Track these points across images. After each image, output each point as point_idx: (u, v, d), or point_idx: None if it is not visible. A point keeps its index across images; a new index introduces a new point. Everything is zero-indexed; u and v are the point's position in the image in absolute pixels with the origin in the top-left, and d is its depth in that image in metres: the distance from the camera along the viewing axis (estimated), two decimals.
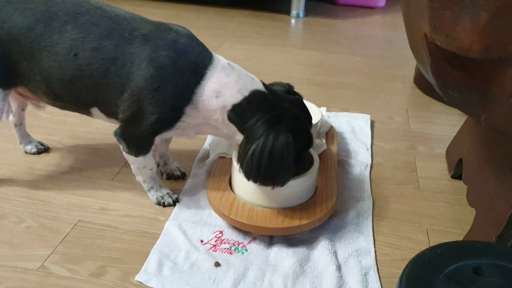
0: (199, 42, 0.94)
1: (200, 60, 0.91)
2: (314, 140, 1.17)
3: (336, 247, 0.95)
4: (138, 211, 1.04)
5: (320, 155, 1.13)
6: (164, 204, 1.05)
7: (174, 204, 1.05)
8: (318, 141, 1.17)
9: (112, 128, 0.99)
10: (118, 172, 1.17)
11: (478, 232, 0.94)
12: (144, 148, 0.98)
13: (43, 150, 1.23)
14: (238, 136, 0.93)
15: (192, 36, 0.94)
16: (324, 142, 1.19)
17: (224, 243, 0.95)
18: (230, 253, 0.92)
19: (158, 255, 0.90)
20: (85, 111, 0.99)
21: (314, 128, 1.19)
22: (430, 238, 1.01)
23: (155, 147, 1.12)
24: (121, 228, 0.99)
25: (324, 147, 1.17)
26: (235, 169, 0.99)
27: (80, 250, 0.92)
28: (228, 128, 0.93)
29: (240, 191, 0.99)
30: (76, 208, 1.04)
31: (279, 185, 0.91)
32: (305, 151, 0.97)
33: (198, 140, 1.31)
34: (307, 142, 0.95)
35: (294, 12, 2.60)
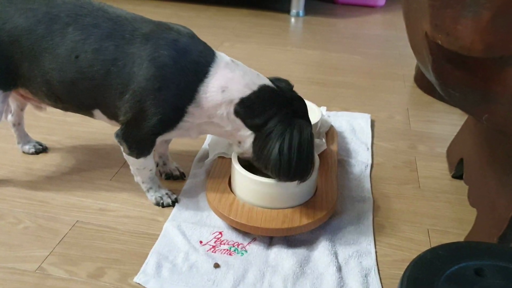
0: (201, 41, 0.94)
1: (203, 58, 0.90)
2: (314, 140, 1.17)
3: (336, 248, 0.94)
4: (137, 212, 1.03)
5: (320, 155, 1.13)
6: (163, 205, 1.04)
7: (173, 205, 1.04)
8: (318, 141, 1.16)
9: (112, 128, 0.99)
10: (117, 172, 1.16)
11: (479, 233, 0.94)
12: (145, 149, 0.97)
13: (41, 150, 1.23)
14: (242, 131, 0.92)
15: (193, 35, 0.93)
16: (324, 142, 1.18)
17: (224, 244, 0.94)
18: (230, 254, 0.92)
19: (157, 256, 0.90)
20: (87, 112, 0.99)
21: (314, 127, 1.19)
22: (431, 238, 1.00)
23: (155, 147, 1.11)
24: (119, 229, 0.98)
25: (324, 147, 1.17)
26: (234, 169, 0.98)
27: (78, 251, 0.92)
28: (233, 123, 0.92)
29: (240, 191, 0.98)
30: (74, 209, 1.03)
31: (307, 179, 0.92)
32: None
33: (197, 140, 1.30)
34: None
35: (294, 11, 2.59)
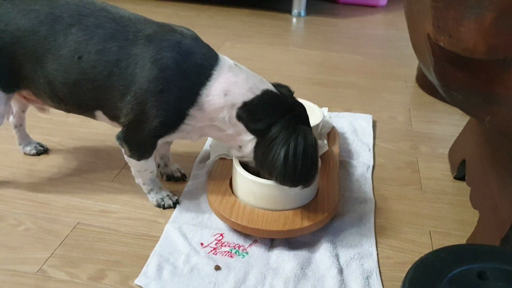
0: (204, 44, 0.93)
1: (206, 61, 0.90)
2: None
3: (337, 250, 0.93)
4: (138, 213, 1.03)
5: (321, 156, 1.12)
6: (164, 206, 1.04)
7: (174, 206, 1.04)
8: (319, 142, 1.15)
9: (113, 128, 0.98)
10: (118, 174, 1.16)
11: (481, 235, 0.93)
12: (146, 152, 0.96)
13: (42, 151, 1.22)
14: (244, 136, 0.92)
15: (196, 37, 0.93)
16: (326, 143, 1.18)
17: (225, 246, 0.94)
18: (231, 256, 0.91)
19: (157, 259, 0.89)
20: (89, 113, 0.98)
21: (315, 129, 1.18)
22: (433, 240, 0.99)
23: (156, 148, 1.11)
24: (120, 230, 0.98)
25: (326, 148, 1.16)
26: (236, 170, 0.98)
27: (79, 253, 0.92)
28: (235, 127, 0.92)
29: (241, 193, 0.98)
30: (75, 210, 1.03)
31: (310, 184, 0.92)
32: None
33: (198, 141, 1.29)
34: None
35: (295, 11, 2.58)
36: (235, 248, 0.93)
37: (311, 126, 0.95)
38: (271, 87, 0.93)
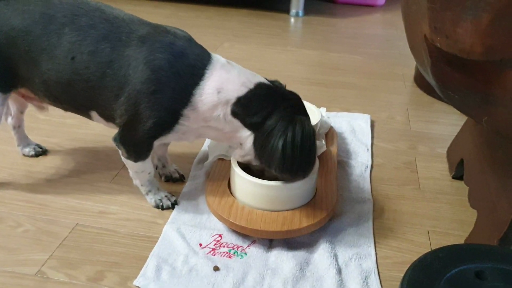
0: (197, 44, 0.93)
1: (199, 61, 0.90)
2: None
3: (336, 250, 0.94)
4: (137, 214, 1.03)
5: (320, 156, 1.12)
6: (162, 207, 1.04)
7: (172, 207, 1.04)
8: (318, 142, 1.16)
9: (111, 130, 0.98)
10: (117, 175, 1.16)
11: (480, 235, 0.93)
12: (143, 153, 0.97)
13: (41, 152, 1.22)
14: (241, 132, 0.91)
15: (190, 38, 0.93)
16: (324, 143, 1.18)
17: (223, 246, 0.94)
18: (229, 257, 0.91)
19: (156, 260, 0.89)
20: (85, 113, 0.98)
21: None
22: (431, 240, 1.00)
23: (154, 150, 1.11)
24: (119, 231, 0.98)
25: (324, 148, 1.16)
26: (234, 171, 0.98)
27: (78, 254, 0.92)
28: (231, 124, 0.91)
29: (239, 194, 0.98)
30: (74, 212, 1.03)
31: (309, 174, 0.92)
32: None
33: (196, 142, 1.30)
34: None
35: (293, 11, 2.59)
36: (233, 249, 0.93)
37: (308, 114, 0.94)
38: (264, 80, 0.93)
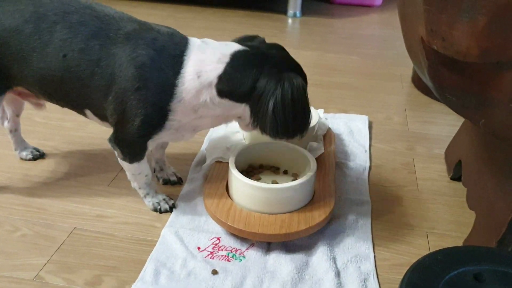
0: (180, 35, 0.92)
1: (178, 50, 0.89)
2: (312, 143, 1.16)
3: (335, 252, 0.94)
4: (134, 218, 1.03)
5: (318, 158, 1.12)
6: (160, 211, 1.04)
7: (170, 210, 1.04)
8: (315, 144, 1.16)
9: (108, 132, 0.98)
10: (114, 178, 1.16)
11: (478, 236, 0.93)
12: (137, 153, 0.96)
13: (38, 156, 1.22)
14: (235, 108, 0.90)
15: (173, 32, 0.92)
16: (321, 145, 1.18)
17: (222, 250, 0.94)
18: (228, 260, 0.91)
19: (154, 263, 0.89)
20: (80, 111, 0.99)
21: (311, 131, 1.18)
22: (430, 242, 1.00)
23: (151, 153, 1.11)
24: (117, 235, 0.98)
25: (322, 150, 1.16)
26: (232, 174, 0.98)
27: (76, 258, 0.91)
28: (221, 106, 0.89)
29: (237, 196, 0.98)
30: (72, 216, 1.03)
31: (305, 132, 0.91)
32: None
33: (194, 144, 1.30)
34: (306, 80, 0.93)
35: (291, 11, 2.59)
36: (232, 252, 0.93)
37: (297, 66, 0.91)
38: (238, 47, 0.90)
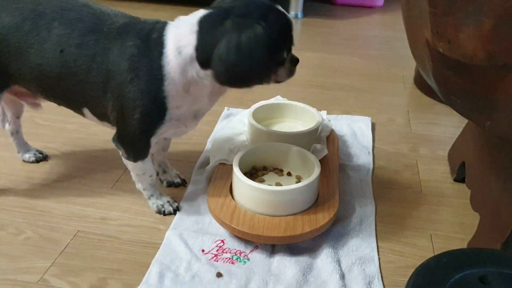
0: (163, 21, 0.92)
1: (158, 32, 0.89)
2: (315, 145, 1.16)
3: (339, 255, 0.93)
4: (138, 220, 1.03)
5: (321, 160, 1.12)
6: (164, 213, 1.04)
7: (174, 213, 1.04)
8: (319, 146, 1.16)
9: (111, 134, 0.98)
10: (118, 180, 1.15)
11: (482, 238, 0.93)
12: (141, 151, 0.96)
13: (41, 158, 1.22)
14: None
15: (158, 21, 0.92)
16: (325, 147, 1.18)
17: (226, 252, 0.94)
18: (232, 262, 0.91)
19: (159, 266, 0.89)
20: (78, 111, 0.99)
21: (314, 133, 1.18)
22: (434, 244, 0.99)
23: (153, 156, 1.10)
24: (121, 238, 0.98)
25: (326, 152, 1.16)
26: (236, 176, 0.98)
27: (80, 261, 0.91)
28: (209, 78, 0.88)
29: (241, 199, 0.98)
30: (75, 218, 1.03)
31: (258, 82, 0.88)
32: (286, 33, 0.91)
33: (198, 146, 1.30)
34: (285, 23, 0.89)
35: (292, 12, 2.58)
36: (236, 255, 0.93)
37: (261, 14, 0.86)
38: (203, 12, 0.88)
